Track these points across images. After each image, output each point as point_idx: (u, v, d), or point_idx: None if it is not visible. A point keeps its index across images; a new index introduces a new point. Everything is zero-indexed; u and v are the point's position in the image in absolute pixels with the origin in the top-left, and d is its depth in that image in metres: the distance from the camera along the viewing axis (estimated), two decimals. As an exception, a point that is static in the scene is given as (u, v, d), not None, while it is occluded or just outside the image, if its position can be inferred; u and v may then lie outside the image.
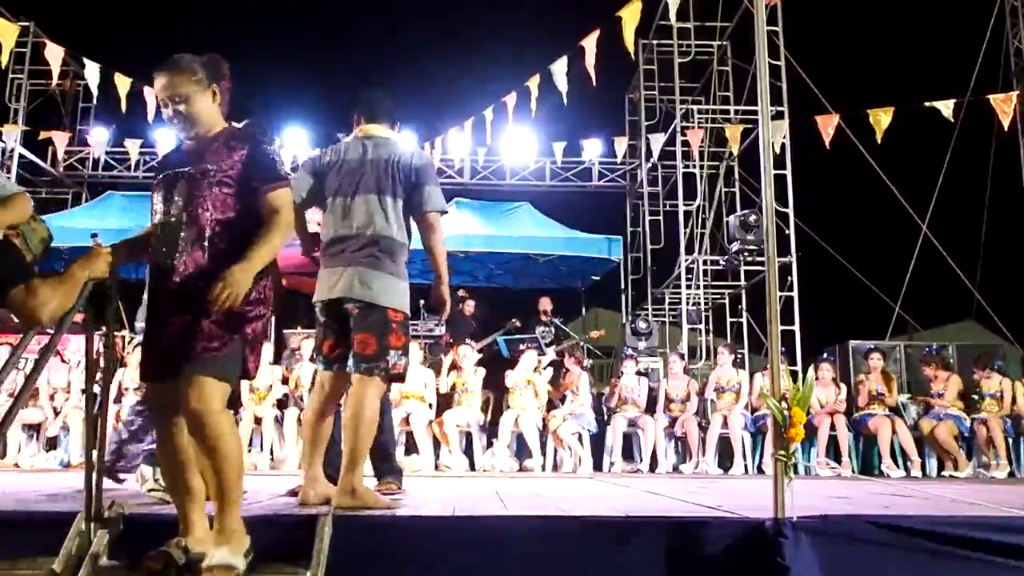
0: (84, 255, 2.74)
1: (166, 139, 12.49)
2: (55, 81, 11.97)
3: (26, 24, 12.05)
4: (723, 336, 12.10)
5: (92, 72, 9.26)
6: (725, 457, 8.17)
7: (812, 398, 8.01)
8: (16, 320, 2.64)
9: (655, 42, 12.46)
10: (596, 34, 8.57)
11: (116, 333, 3.15)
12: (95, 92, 9.77)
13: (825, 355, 9.05)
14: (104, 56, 9.82)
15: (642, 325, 10.01)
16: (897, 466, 7.78)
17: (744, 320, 11.81)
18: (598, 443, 8.36)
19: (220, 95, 2.79)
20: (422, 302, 11.05)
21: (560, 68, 8.45)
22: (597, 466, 8.17)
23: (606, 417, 8.56)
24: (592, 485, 6.05)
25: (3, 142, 12.54)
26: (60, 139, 12.67)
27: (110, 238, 2.96)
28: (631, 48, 8.27)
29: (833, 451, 8.00)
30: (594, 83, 8.07)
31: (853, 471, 7.82)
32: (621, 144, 12.89)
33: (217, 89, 2.77)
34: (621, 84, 14.10)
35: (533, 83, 8.98)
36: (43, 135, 12.68)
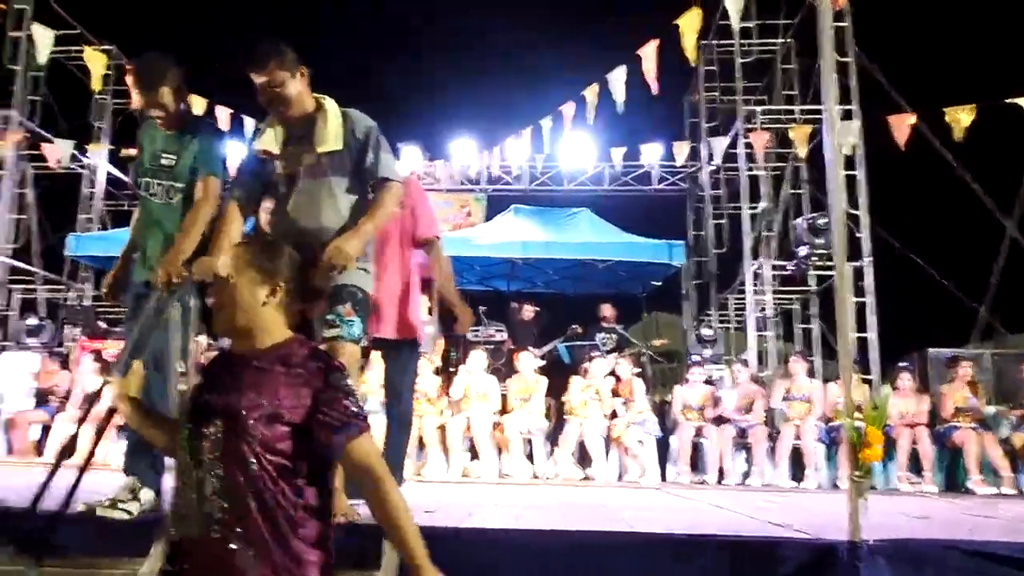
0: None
1: (237, 153, 12.77)
2: (137, 102, 12.32)
3: (109, 48, 12.51)
4: (792, 343, 11.83)
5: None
6: (798, 468, 7.93)
7: (891, 409, 7.81)
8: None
9: (715, 43, 12.24)
10: (655, 43, 8.46)
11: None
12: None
13: (904, 364, 8.69)
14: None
15: (707, 332, 9.83)
16: (986, 482, 7.35)
17: (815, 326, 11.51)
18: (663, 452, 8.23)
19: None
20: (482, 308, 11.11)
21: (618, 77, 8.38)
22: (663, 476, 8.04)
23: (670, 425, 8.42)
24: (657, 497, 5.96)
25: (89, 159, 13.03)
26: (141, 156, 13.07)
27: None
28: (692, 56, 8.11)
29: (915, 465, 7.64)
30: (653, 92, 7.96)
31: (937, 487, 7.52)
32: (681, 148, 12.69)
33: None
34: (680, 86, 13.92)
35: (591, 92, 8.92)
36: (124, 152, 13.10)
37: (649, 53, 8.47)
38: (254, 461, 1.90)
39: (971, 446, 7.42)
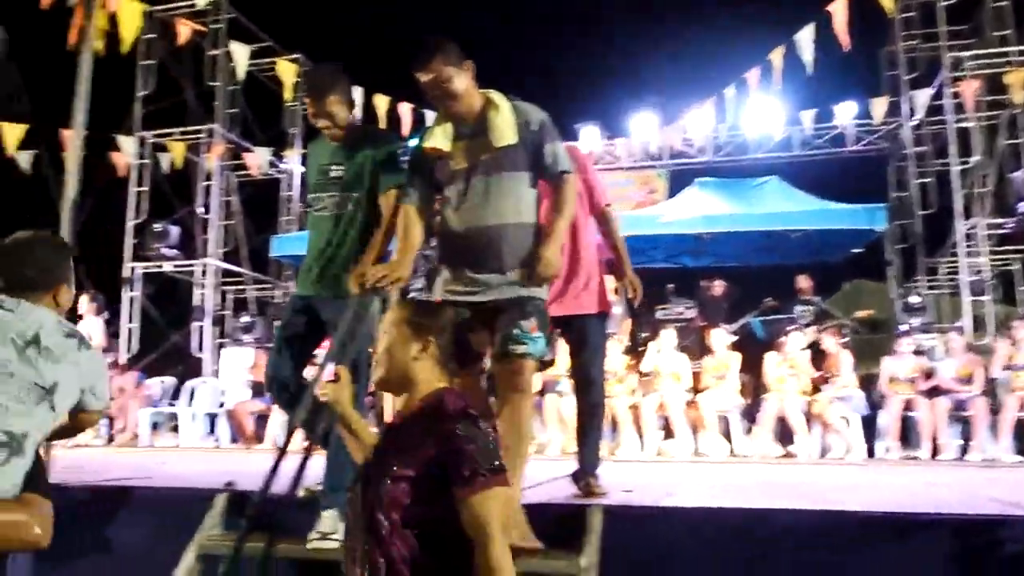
0: None
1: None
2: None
3: (297, 56, 13.36)
4: (1015, 306, 10.85)
5: (356, 96, 10.09)
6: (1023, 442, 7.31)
7: None
8: None
9: (916, -12, 11.38)
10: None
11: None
12: (359, 113, 10.62)
13: None
14: (362, 78, 10.60)
15: (915, 300, 9.20)
16: None
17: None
18: (870, 427, 7.81)
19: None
20: (670, 286, 10.96)
21: (806, 36, 7.92)
22: (870, 452, 7.64)
23: (876, 399, 7.98)
24: (864, 474, 5.69)
25: (286, 163, 14.01)
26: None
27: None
28: (889, 5, 7.51)
29: None
30: (844, 48, 7.44)
31: None
32: (878, 104, 11.87)
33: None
34: (874, 39, 13.01)
35: (777, 55, 8.49)
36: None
37: (840, 7, 7.91)
38: (386, 525, 1.93)
39: None
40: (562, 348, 4.84)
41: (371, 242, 3.30)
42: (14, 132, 8.32)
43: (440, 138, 3.11)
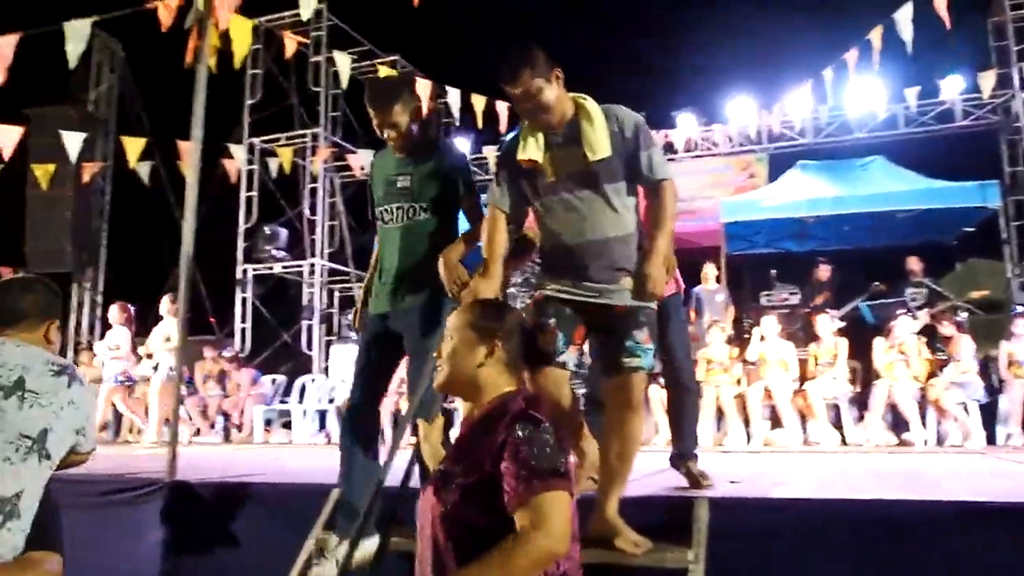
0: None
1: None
2: (424, 109, 13.31)
3: (394, 58, 13.69)
4: None
5: (453, 97, 10.28)
6: None
7: None
8: None
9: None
10: None
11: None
12: (456, 114, 10.82)
13: None
14: (460, 78, 10.78)
15: (1034, 279, 8.80)
16: None
17: None
18: (989, 413, 7.55)
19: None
20: (773, 272, 10.78)
21: (905, 16, 7.58)
22: (991, 439, 7.39)
23: (996, 384, 7.70)
24: (983, 462, 5.52)
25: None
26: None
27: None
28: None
29: None
30: (947, 26, 7.09)
31: None
32: (987, 77, 11.35)
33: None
34: (980, 9, 12.44)
35: (875, 35, 8.19)
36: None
37: None
38: (441, 536, 1.91)
39: None
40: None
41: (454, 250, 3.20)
42: (135, 146, 8.78)
43: (532, 149, 2.97)
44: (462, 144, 14.54)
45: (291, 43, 7.63)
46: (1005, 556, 2.64)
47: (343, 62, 8.52)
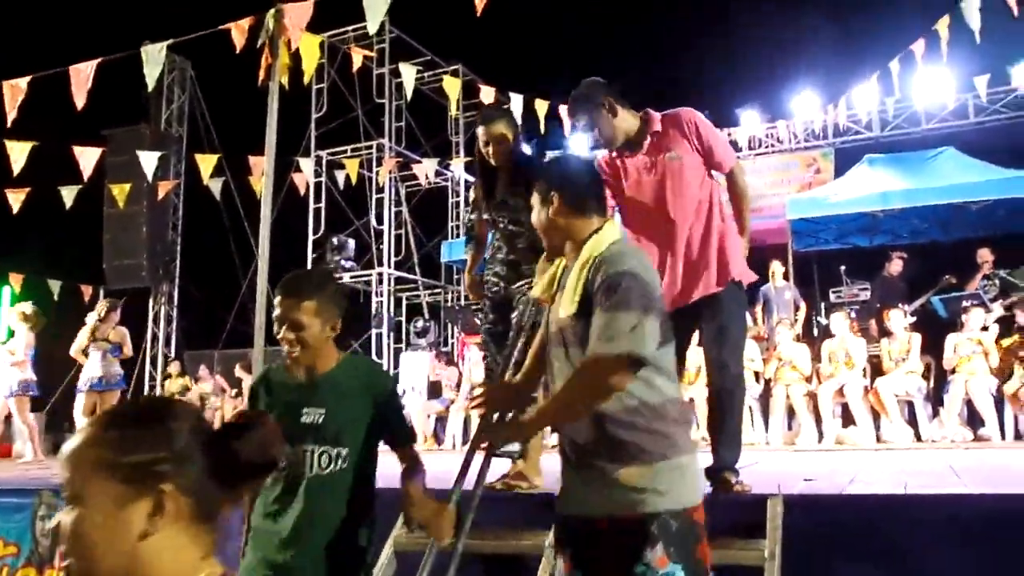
0: None
1: (581, 149, 13.63)
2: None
3: (456, 67, 13.90)
4: None
5: (516, 102, 10.40)
6: None
7: None
8: None
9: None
10: None
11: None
12: (519, 119, 10.94)
13: None
14: (523, 84, 10.89)
15: (1117, 268, 8.52)
16: None
17: None
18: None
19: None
20: (843, 268, 10.64)
21: (972, 4, 7.39)
22: (1072, 433, 7.20)
23: (1078, 376, 7.49)
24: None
25: (452, 171, 14.59)
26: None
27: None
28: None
29: None
30: (1014, 14, 6.90)
31: None
32: (1059, 61, 11.08)
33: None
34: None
35: (942, 25, 8.01)
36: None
37: None
38: None
39: None
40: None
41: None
42: (207, 163, 9.09)
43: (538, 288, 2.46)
44: (525, 150, 14.66)
45: (357, 57, 7.81)
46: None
47: (408, 73, 8.68)
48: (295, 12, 5.65)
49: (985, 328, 7.78)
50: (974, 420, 7.52)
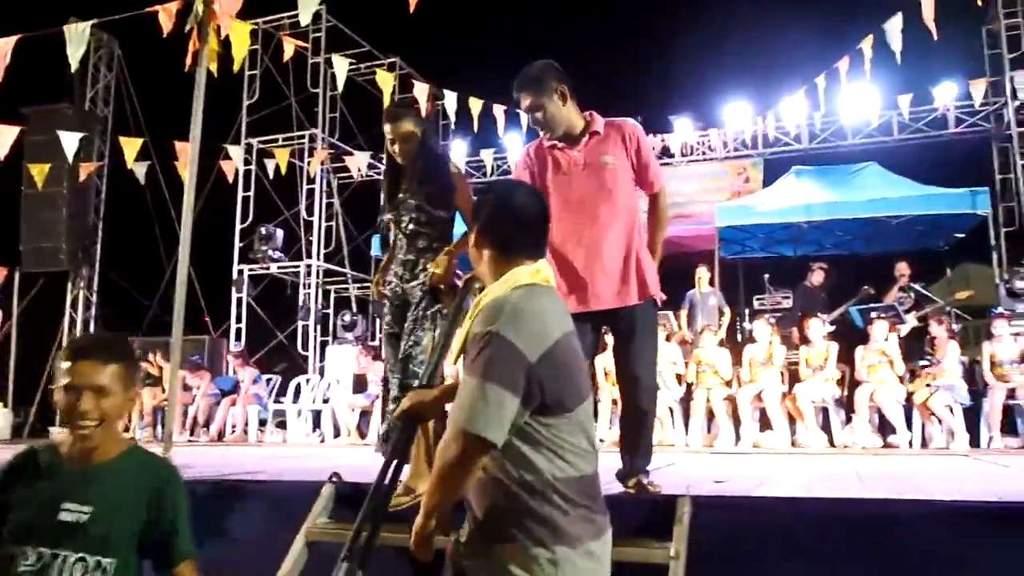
0: None
1: (515, 146, 13.69)
2: (424, 110, 13.26)
3: (393, 60, 13.79)
4: None
5: (450, 100, 10.36)
6: None
7: None
8: None
9: (1016, -39, 10.99)
10: None
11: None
12: (452, 117, 10.89)
13: None
14: (458, 80, 10.87)
15: (1020, 284, 8.89)
16: None
17: None
18: (974, 416, 7.65)
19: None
20: (767, 276, 10.89)
21: (894, 26, 7.61)
22: (974, 442, 7.49)
23: (980, 387, 7.81)
24: (965, 464, 5.62)
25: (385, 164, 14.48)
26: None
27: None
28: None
29: None
30: (935, 37, 7.12)
31: None
32: (977, 85, 11.48)
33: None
34: (974, 15, 12.59)
35: (867, 44, 8.25)
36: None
37: None
38: None
39: None
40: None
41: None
42: (132, 146, 8.84)
43: None
44: (458, 147, 14.59)
45: (290, 46, 7.68)
46: (982, 554, 2.72)
47: (340, 65, 8.59)
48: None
49: (887, 339, 8.02)
50: (885, 427, 7.77)
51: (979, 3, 6.70)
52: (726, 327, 9.82)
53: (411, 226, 3.73)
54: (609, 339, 4.98)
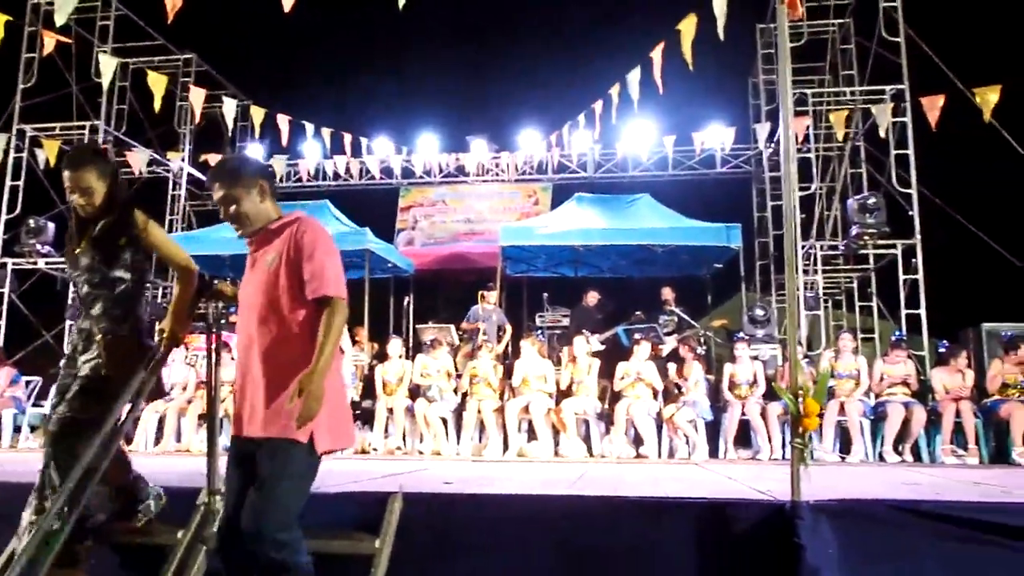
0: None
1: (311, 154, 13.71)
2: (198, 117, 12.83)
3: (190, 56, 13.38)
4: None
5: (229, 107, 10.19)
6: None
7: (937, 384, 7.94)
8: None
9: (772, 25, 12.25)
10: (693, 18, 7.84)
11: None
12: (230, 124, 10.71)
13: (945, 341, 8.81)
14: (247, 84, 10.76)
15: (759, 312, 9.93)
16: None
17: (874, 304, 11.53)
18: (715, 430, 8.48)
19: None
20: (545, 295, 11.50)
21: (656, 57, 8.07)
22: (713, 453, 8.30)
23: (722, 403, 8.65)
24: (689, 471, 6.21)
25: (173, 162, 14.00)
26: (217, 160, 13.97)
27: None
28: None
29: (962, 439, 7.75)
30: (690, 68, 7.61)
31: (982, 459, 7.58)
32: (731, 132, 12.81)
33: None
34: (744, 67, 13.95)
35: (633, 76, 8.80)
36: (204, 157, 13.99)
37: (688, 29, 7.55)
38: None
39: (1018, 419, 7.44)
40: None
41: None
42: None
43: None
44: (255, 151, 14.37)
45: (50, 41, 7.34)
46: (639, 539, 3.16)
47: (107, 63, 8.27)
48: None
49: (646, 358, 8.72)
50: (640, 439, 8.43)
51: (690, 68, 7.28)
52: (506, 343, 10.30)
53: (85, 287, 3.35)
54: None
